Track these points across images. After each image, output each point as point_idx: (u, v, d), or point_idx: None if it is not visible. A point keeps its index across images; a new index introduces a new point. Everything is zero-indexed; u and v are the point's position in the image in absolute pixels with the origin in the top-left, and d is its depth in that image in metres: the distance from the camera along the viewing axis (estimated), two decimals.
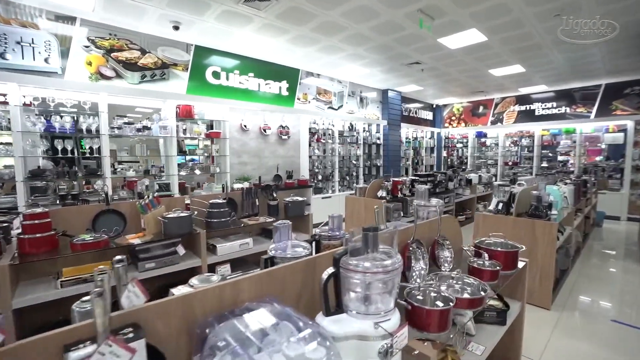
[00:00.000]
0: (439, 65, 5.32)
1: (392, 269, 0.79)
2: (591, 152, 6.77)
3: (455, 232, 1.72)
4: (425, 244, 1.43)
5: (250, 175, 5.13)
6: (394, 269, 0.80)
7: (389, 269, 0.79)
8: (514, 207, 2.77)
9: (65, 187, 3.84)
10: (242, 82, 4.80)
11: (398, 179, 4.32)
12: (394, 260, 0.81)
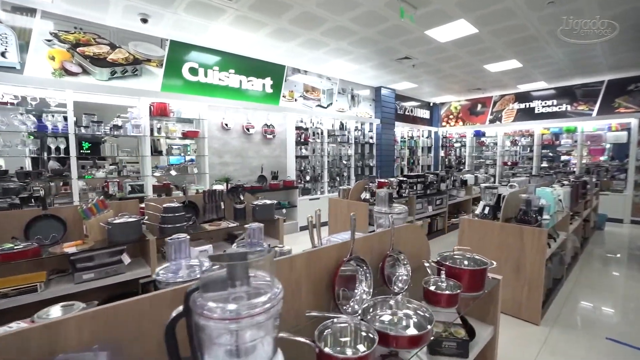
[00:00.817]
0: (430, 61, 5.07)
1: (263, 309, 0.57)
2: (593, 151, 6.46)
3: (420, 244, 1.49)
4: (372, 261, 1.21)
5: (233, 176, 4.93)
6: (268, 309, 0.58)
7: (257, 312, 0.57)
8: (501, 212, 2.53)
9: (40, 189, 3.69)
10: (222, 79, 4.59)
11: (383, 180, 4.09)
12: (269, 296, 0.59)
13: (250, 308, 0.59)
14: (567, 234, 3.05)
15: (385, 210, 1.54)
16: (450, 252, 1.34)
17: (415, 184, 4.58)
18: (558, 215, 2.98)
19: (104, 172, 3.72)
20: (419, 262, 1.38)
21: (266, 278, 0.65)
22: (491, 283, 1.33)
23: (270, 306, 0.60)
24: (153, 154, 4.09)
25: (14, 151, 3.36)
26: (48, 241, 1.97)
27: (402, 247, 1.38)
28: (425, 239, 1.53)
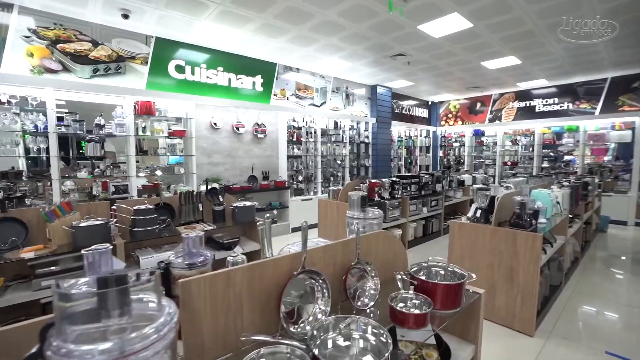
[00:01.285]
0: (426, 58, 4.92)
1: (145, 345, 0.45)
2: (596, 151, 6.27)
3: (395, 253, 1.36)
4: (335, 274, 1.08)
5: (223, 176, 4.82)
6: (154, 341, 0.45)
7: (138, 348, 0.44)
8: (493, 215, 2.38)
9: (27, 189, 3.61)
10: (210, 76, 4.48)
11: (375, 181, 3.95)
12: (156, 326, 0.47)
13: (129, 345, 0.46)
14: (565, 238, 2.89)
15: (357, 215, 1.40)
16: (424, 262, 1.20)
17: (409, 185, 4.43)
18: (556, 218, 2.83)
19: (87, 172, 3.62)
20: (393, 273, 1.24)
21: (157, 301, 0.52)
22: (471, 297, 1.19)
23: (156, 338, 0.48)
24: (138, 153, 4.00)
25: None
26: (7, 246, 1.86)
27: (373, 257, 1.25)
28: (402, 248, 1.39)
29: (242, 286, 0.88)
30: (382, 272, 1.26)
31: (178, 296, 0.78)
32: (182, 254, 0.98)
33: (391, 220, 4.02)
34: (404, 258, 1.40)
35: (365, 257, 1.20)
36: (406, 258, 1.41)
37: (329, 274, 1.08)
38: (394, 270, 1.24)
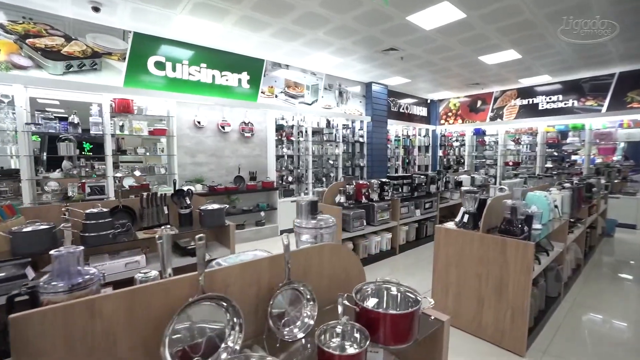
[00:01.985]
0: (419, 52, 4.68)
1: None
2: (603, 150, 5.94)
3: (347, 269, 1.15)
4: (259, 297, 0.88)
5: (207, 176, 4.65)
6: None
7: None
8: (481, 220, 2.15)
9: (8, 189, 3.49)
10: (193, 73, 4.31)
11: (363, 182, 3.73)
12: None
13: None
14: (565, 245, 2.64)
15: (304, 224, 1.20)
16: (372, 283, 0.99)
17: (401, 186, 4.20)
18: (554, 223, 2.59)
19: (61, 172, 3.48)
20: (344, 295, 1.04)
21: None
22: (431, 326, 0.97)
23: None
24: (116, 153, 3.85)
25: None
26: None
27: (315, 275, 1.05)
28: (357, 263, 1.18)
29: (116, 318, 0.69)
30: (329, 294, 1.06)
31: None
32: (55, 273, 0.79)
33: (380, 223, 3.80)
34: (360, 276, 1.19)
35: (304, 277, 1.00)
36: (364, 276, 1.20)
37: (250, 297, 0.88)
38: (346, 291, 1.04)
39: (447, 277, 2.32)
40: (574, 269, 3.32)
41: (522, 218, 2.05)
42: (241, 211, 4.80)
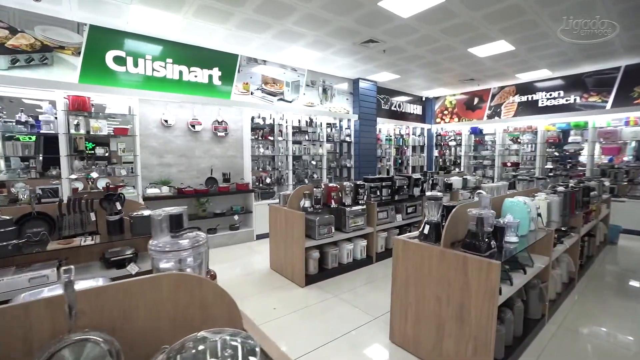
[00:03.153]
0: (403, 45, 4.34)
1: None
2: (608, 150, 5.50)
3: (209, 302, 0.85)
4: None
5: (176, 178, 4.40)
6: None
7: None
8: (443, 232, 1.83)
9: None
10: (158, 69, 4.07)
11: (333, 185, 3.42)
12: None
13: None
14: (549, 260, 2.29)
15: (160, 247, 0.90)
16: (191, 339, 0.68)
17: (379, 189, 3.88)
18: (537, 234, 2.24)
19: (3, 174, 3.27)
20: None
21: None
22: None
23: None
24: (72, 153, 3.63)
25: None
26: None
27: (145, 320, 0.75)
28: (223, 296, 0.89)
29: None
30: (173, 341, 0.76)
31: None
32: None
33: (353, 229, 3.48)
34: (230, 314, 0.89)
35: (123, 322, 0.70)
36: (236, 313, 0.90)
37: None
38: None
39: (406, 298, 2.00)
40: (566, 283, 2.96)
41: (489, 231, 1.71)
42: (213, 215, 4.54)
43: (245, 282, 3.24)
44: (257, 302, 2.79)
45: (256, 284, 3.20)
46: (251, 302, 2.78)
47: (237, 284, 3.22)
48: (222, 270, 3.58)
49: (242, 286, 3.15)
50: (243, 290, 3.03)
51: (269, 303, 2.76)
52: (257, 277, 3.40)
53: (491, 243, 1.70)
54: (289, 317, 2.53)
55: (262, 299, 2.86)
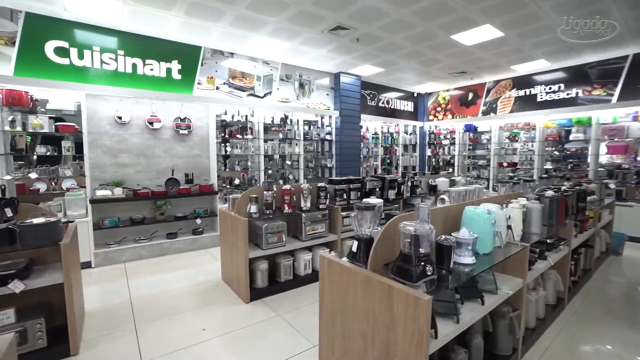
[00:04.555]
0: (375, 31, 3.92)
1: None
2: (613, 149, 4.95)
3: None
4: None
5: (133, 179, 4.09)
6: None
7: None
8: (370, 253, 1.43)
9: None
10: (107, 62, 3.76)
11: (287, 187, 3.04)
12: None
13: None
14: (523, 282, 1.86)
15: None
16: None
17: (347, 192, 3.48)
18: (509, 249, 1.81)
19: None
20: None
21: None
22: None
23: None
24: (10, 152, 3.35)
25: None
26: None
27: None
28: None
29: None
30: None
31: None
32: None
33: (311, 237, 3.09)
34: None
35: None
36: None
37: None
38: None
39: (333, 329, 1.61)
40: (554, 305, 2.51)
41: (422, 253, 1.30)
42: (174, 218, 4.22)
43: (189, 295, 2.90)
44: (190, 320, 2.43)
45: (200, 297, 2.85)
46: (183, 320, 2.43)
47: (179, 296, 2.88)
48: (171, 280, 3.24)
49: (183, 299, 2.80)
50: (181, 305, 2.69)
51: (201, 322, 2.40)
52: (204, 289, 3.05)
53: (427, 268, 1.29)
54: (215, 341, 2.16)
55: (197, 316, 2.51)
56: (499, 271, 1.96)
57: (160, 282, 3.20)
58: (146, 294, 2.92)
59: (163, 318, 2.48)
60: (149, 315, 2.51)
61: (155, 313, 2.55)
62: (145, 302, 2.75)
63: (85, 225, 3.52)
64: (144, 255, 3.91)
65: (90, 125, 3.75)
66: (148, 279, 3.31)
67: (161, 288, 3.05)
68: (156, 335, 2.24)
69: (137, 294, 2.92)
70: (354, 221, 1.58)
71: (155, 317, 2.49)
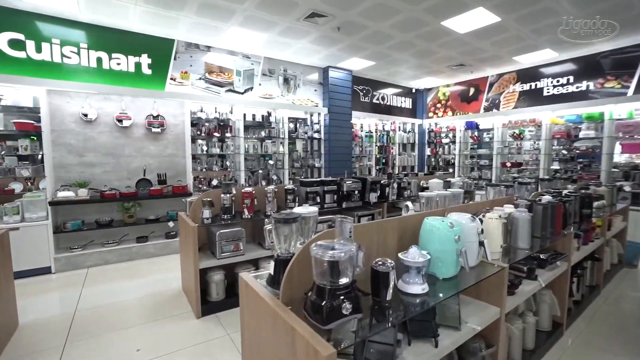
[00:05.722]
0: (356, 18, 3.57)
1: None
2: (628, 147, 4.43)
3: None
4: None
5: (101, 179, 3.89)
6: None
7: None
8: (282, 279, 1.11)
9: None
10: (69, 55, 3.55)
11: (249, 190, 2.75)
12: None
13: None
14: (500, 312, 1.50)
15: None
16: None
17: (320, 195, 3.16)
18: (484, 271, 1.46)
19: None
20: None
21: None
22: None
23: None
24: None
25: None
26: None
27: None
28: None
29: None
30: None
31: None
32: None
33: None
34: None
35: None
36: None
37: None
38: None
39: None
40: (549, 332, 2.12)
41: (343, 284, 0.98)
42: (145, 221, 4.00)
43: (140, 307, 2.65)
44: (128, 338, 2.17)
45: (151, 309, 2.60)
46: (121, 338, 2.18)
47: (129, 307, 2.63)
48: (129, 289, 3.01)
49: (132, 312, 2.55)
50: (128, 319, 2.44)
51: (140, 340, 2.15)
52: (159, 300, 2.79)
53: (344, 305, 0.96)
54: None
55: (138, 332, 2.25)
56: (473, 296, 1.61)
57: (116, 291, 2.96)
58: (95, 305, 2.68)
59: (100, 335, 2.23)
60: (85, 331, 2.27)
61: (93, 328, 2.31)
62: (89, 315, 2.51)
63: (44, 229, 3.34)
64: (111, 260, 3.70)
65: (54, 123, 3.57)
66: (105, 287, 3.08)
67: (114, 298, 2.82)
68: (82, 356, 1.98)
69: (85, 304, 2.69)
70: (273, 237, 1.27)
71: (92, 333, 2.24)
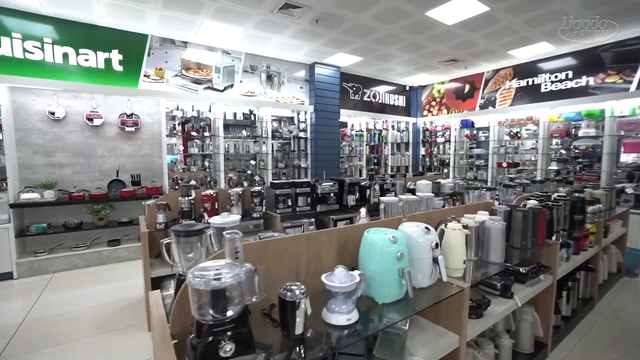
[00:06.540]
0: (332, 9, 3.35)
1: None
2: (630, 146, 4.14)
3: None
4: None
5: (71, 180, 3.74)
6: None
7: None
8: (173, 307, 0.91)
9: None
10: (32, 50, 3.40)
11: (209, 192, 2.56)
12: None
13: None
14: (461, 339, 1.28)
15: None
16: None
17: (292, 197, 2.96)
18: (444, 291, 1.24)
19: None
20: None
21: None
22: None
23: None
24: None
25: None
26: None
27: None
28: None
29: None
30: None
31: None
32: None
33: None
34: None
35: None
36: None
37: None
38: None
39: None
40: (529, 355, 1.88)
41: (228, 318, 0.77)
42: (117, 224, 3.84)
43: (95, 316, 2.49)
44: (70, 354, 2.01)
45: (105, 320, 2.43)
46: (62, 353, 2.02)
47: (83, 317, 2.48)
48: (89, 296, 2.86)
49: (84, 322, 2.39)
50: (78, 330, 2.28)
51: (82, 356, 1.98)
52: (118, 308, 2.63)
53: (225, 347, 0.76)
54: None
55: (84, 347, 2.09)
56: (432, 319, 1.39)
57: (75, 299, 2.80)
58: (47, 315, 2.52)
59: (40, 349, 2.06)
60: (26, 346, 2.10)
61: (37, 341, 2.14)
62: (37, 326, 2.35)
63: (5, 232, 3.19)
64: (80, 264, 3.55)
65: (17, 122, 3.43)
66: (65, 293, 2.92)
67: (71, 306, 2.65)
68: None
69: (37, 314, 2.53)
70: (171, 252, 1.07)
71: (32, 347, 2.07)
